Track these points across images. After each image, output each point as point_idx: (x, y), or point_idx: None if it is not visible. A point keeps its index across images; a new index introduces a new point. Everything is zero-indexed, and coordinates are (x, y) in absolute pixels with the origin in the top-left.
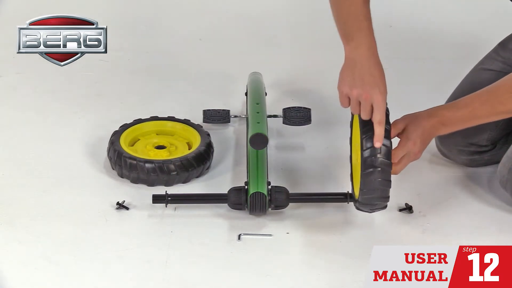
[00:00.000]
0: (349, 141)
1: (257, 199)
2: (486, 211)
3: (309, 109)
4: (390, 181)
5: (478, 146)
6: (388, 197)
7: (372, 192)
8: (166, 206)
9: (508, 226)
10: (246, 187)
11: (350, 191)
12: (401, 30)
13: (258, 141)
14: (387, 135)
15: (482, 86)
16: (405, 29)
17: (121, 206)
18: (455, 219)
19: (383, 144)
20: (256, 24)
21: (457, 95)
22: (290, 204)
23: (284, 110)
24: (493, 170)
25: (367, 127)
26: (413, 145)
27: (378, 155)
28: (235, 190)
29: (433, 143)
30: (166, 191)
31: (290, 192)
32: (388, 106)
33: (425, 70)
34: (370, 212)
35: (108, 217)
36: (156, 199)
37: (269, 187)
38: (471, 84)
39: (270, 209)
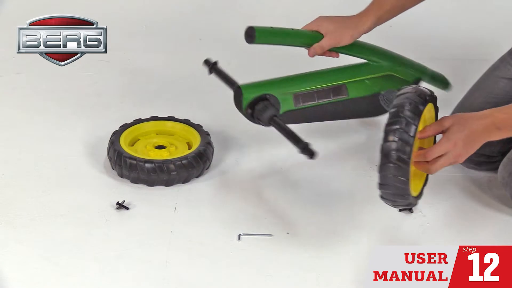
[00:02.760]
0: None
1: (237, 94)
2: (486, 211)
3: None
4: (407, 179)
5: (488, 157)
6: (406, 195)
7: (387, 187)
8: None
9: (508, 226)
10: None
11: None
12: (401, 30)
13: (249, 33)
14: (413, 131)
15: (501, 95)
16: (405, 29)
17: (121, 206)
18: (455, 219)
19: (402, 139)
20: (256, 24)
21: (471, 101)
22: (290, 204)
23: None
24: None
25: (394, 118)
26: (453, 147)
27: (396, 151)
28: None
29: None
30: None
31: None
32: (438, 106)
33: None
34: (395, 208)
35: (108, 217)
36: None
37: (267, 96)
38: (490, 94)
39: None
